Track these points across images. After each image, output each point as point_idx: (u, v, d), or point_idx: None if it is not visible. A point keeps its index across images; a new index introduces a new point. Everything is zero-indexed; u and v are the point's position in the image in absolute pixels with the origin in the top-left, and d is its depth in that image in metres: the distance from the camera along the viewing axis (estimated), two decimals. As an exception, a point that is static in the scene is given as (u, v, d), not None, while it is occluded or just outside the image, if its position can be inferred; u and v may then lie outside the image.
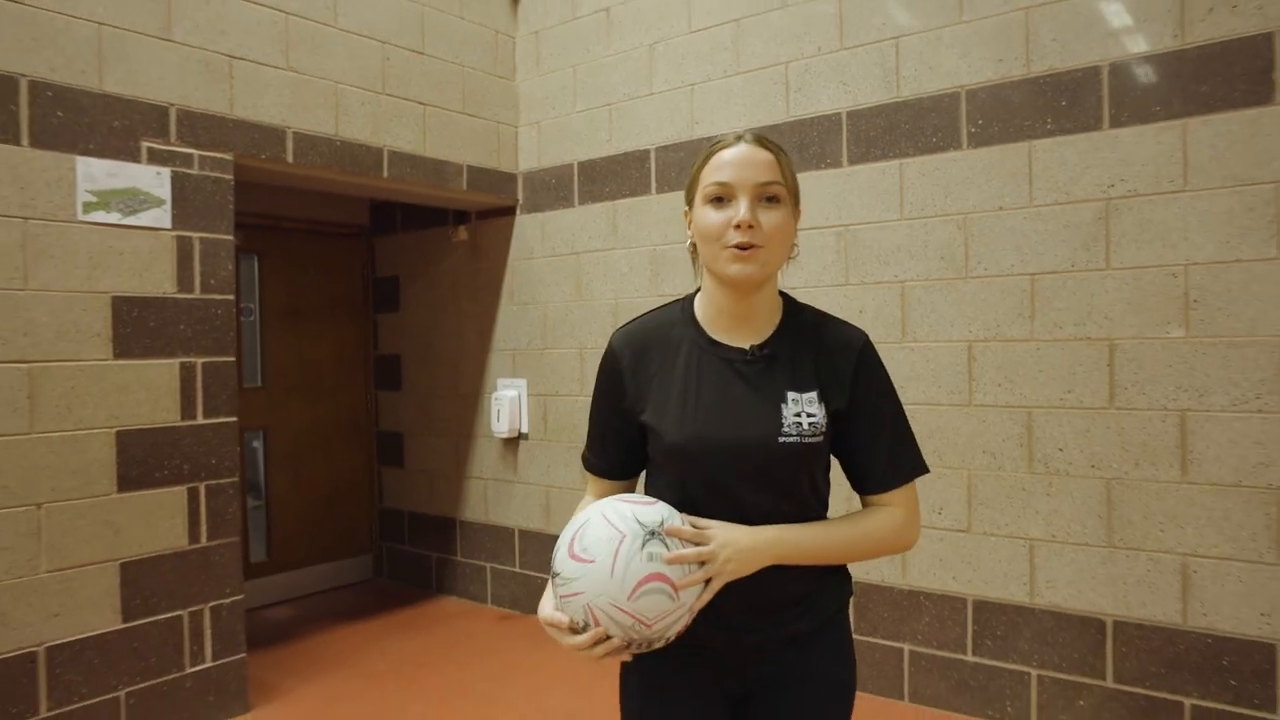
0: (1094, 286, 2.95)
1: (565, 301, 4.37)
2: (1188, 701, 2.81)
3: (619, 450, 1.49)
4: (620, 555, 1.22)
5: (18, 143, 2.84)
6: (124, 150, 3.08)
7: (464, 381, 4.84)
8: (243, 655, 3.43)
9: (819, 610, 1.42)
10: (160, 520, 3.18)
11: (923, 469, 1.46)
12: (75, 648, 2.96)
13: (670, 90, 3.96)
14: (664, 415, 1.40)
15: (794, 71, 3.58)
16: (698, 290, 1.47)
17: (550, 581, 1.30)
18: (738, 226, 1.32)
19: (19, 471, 2.83)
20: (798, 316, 1.45)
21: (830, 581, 1.44)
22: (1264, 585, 2.69)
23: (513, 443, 4.61)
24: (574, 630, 1.25)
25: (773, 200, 1.35)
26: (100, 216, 3.02)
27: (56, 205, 2.92)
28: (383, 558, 5.34)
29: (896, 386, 1.48)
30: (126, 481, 3.09)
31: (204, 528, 3.30)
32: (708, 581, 1.28)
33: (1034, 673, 3.10)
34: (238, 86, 3.41)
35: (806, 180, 3.50)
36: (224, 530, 3.37)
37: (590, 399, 1.52)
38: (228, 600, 3.37)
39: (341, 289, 5.26)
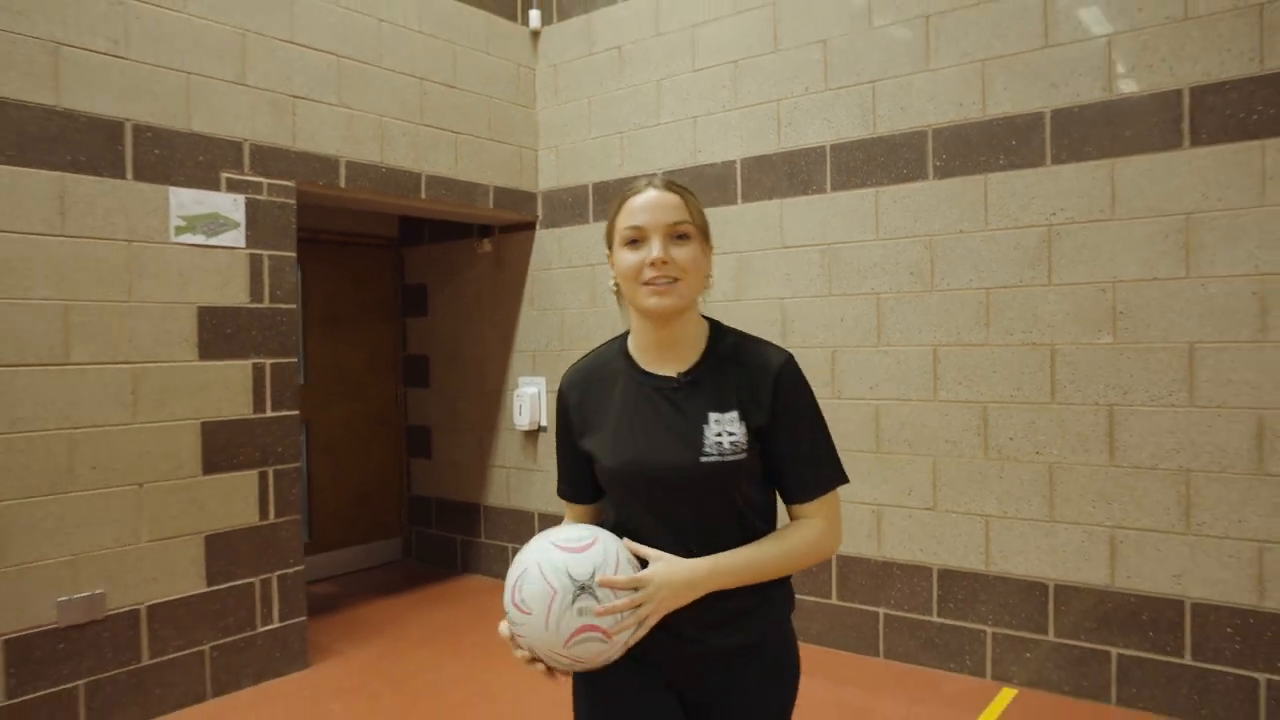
0: (1038, 299, 3.46)
1: (581, 308, 4.88)
2: (1114, 651, 3.33)
3: (581, 478, 1.59)
4: (552, 612, 1.31)
5: (123, 176, 3.34)
6: (207, 180, 3.59)
7: (488, 379, 5.35)
8: (304, 619, 3.94)
9: (759, 624, 1.49)
10: (236, 499, 3.69)
11: (841, 479, 1.51)
12: (169, 607, 3.47)
13: (675, 122, 4.47)
14: (602, 443, 1.50)
15: (784, 108, 4.09)
16: (626, 333, 1.58)
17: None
18: (652, 264, 1.41)
19: (125, 456, 3.34)
20: (721, 341, 1.52)
21: (771, 596, 1.49)
22: (1175, 551, 3.20)
23: (533, 434, 5.12)
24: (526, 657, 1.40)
25: (683, 237, 1.44)
26: (188, 238, 3.52)
27: (153, 229, 3.43)
28: (411, 540, 5.84)
29: (872, 387, 1.93)
30: (209, 465, 3.60)
31: (271, 506, 3.81)
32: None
33: (989, 630, 3.61)
34: (299, 123, 3.91)
35: (795, 205, 4.00)
36: (288, 509, 3.87)
37: (555, 437, 1.65)
38: (291, 570, 3.88)
39: (374, 296, 5.76)
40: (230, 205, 3.66)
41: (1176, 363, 3.18)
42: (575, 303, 4.90)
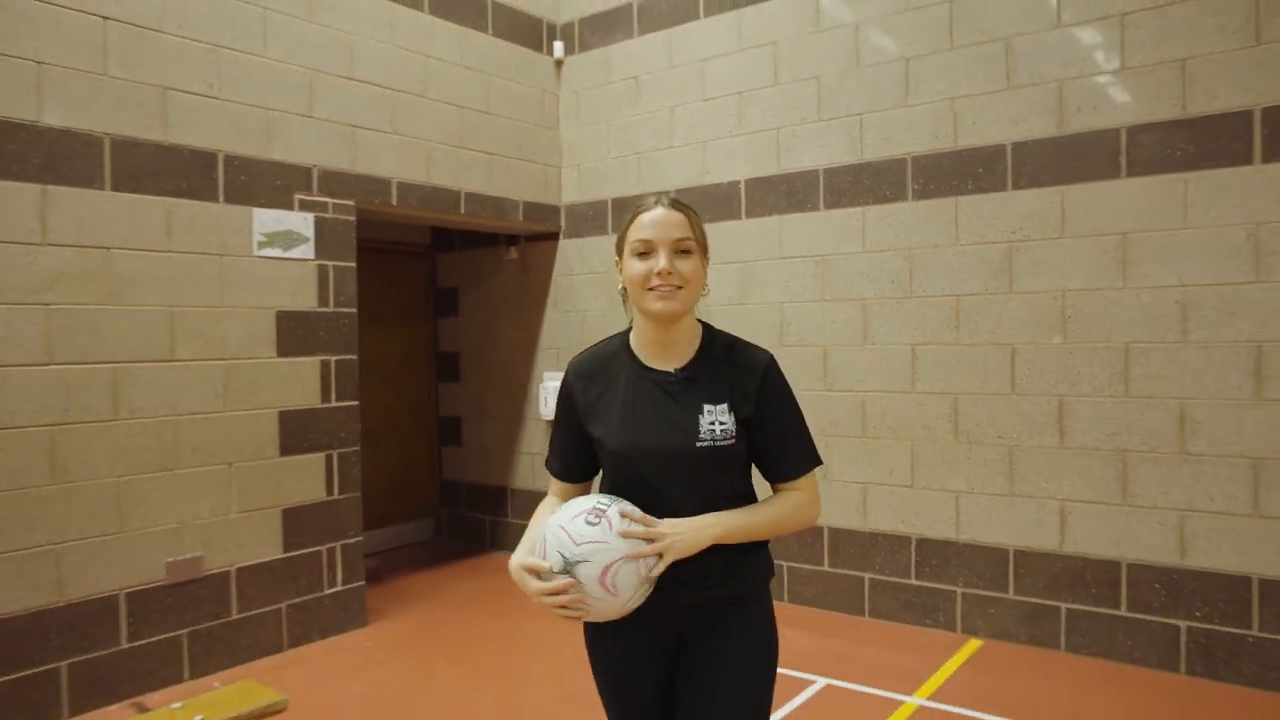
0: (1001, 306, 4.03)
1: (601, 310, 5.44)
2: (1064, 605, 3.90)
3: (575, 459, 1.77)
4: (636, 594, 1.56)
5: (216, 200, 3.89)
6: (283, 201, 4.15)
7: (514, 374, 5.91)
8: (362, 583, 4.51)
9: (740, 579, 1.67)
10: (307, 478, 4.25)
11: (818, 461, 1.73)
12: (254, 570, 4.03)
13: (686, 145, 5.02)
14: (607, 428, 1.67)
15: (783, 135, 4.65)
16: (630, 327, 1.76)
17: (542, 552, 1.57)
18: (659, 274, 1.60)
19: (218, 439, 3.90)
20: (713, 342, 1.72)
21: (750, 558, 1.68)
22: (1114, 520, 3.77)
23: (556, 424, 5.68)
24: (546, 577, 1.54)
25: (685, 252, 1.63)
26: (269, 252, 4.08)
27: (240, 245, 3.99)
28: (443, 521, 6.41)
29: (859, 380, 2.46)
30: (285, 448, 4.16)
31: (336, 484, 4.38)
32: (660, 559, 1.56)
33: (959, 591, 4.18)
34: (358, 150, 4.46)
35: (793, 221, 4.57)
36: (349, 487, 4.44)
37: (554, 418, 1.82)
38: (351, 540, 4.45)
39: (409, 298, 6.32)
40: (302, 222, 4.22)
41: (1115, 360, 3.75)
42: (596, 305, 5.46)
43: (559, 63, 5.58)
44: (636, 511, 1.57)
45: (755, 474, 1.78)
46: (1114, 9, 3.71)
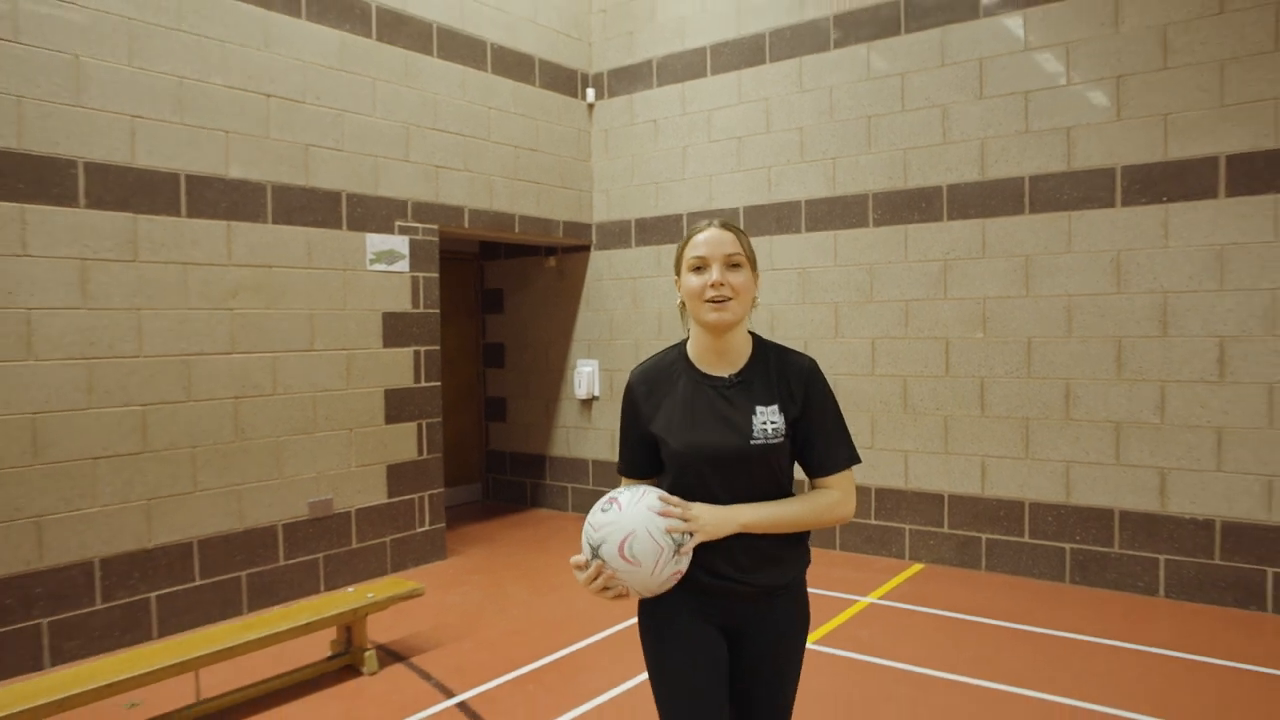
0: (938, 309, 5.27)
1: (625, 309, 6.67)
2: (984, 536, 5.17)
3: (641, 459, 1.90)
4: (659, 564, 1.68)
5: (340, 228, 5.12)
6: (387, 227, 5.37)
7: (552, 361, 7.15)
8: (444, 525, 5.76)
9: (784, 569, 1.80)
10: (404, 441, 5.50)
11: (855, 460, 1.82)
12: (367, 511, 5.28)
13: (696, 177, 6.25)
14: (670, 429, 1.80)
15: (774, 173, 5.88)
16: (687, 338, 1.90)
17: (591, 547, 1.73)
18: (712, 285, 1.74)
19: (343, 411, 5.14)
20: (763, 350, 1.87)
21: (793, 551, 1.82)
22: (1020, 471, 5.03)
23: (588, 402, 6.92)
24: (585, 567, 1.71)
25: (736, 266, 1.78)
26: (377, 267, 5.31)
27: (357, 262, 5.21)
28: (489, 485, 7.66)
29: (831, 366, 3.47)
30: (389, 418, 5.41)
31: (425, 447, 5.62)
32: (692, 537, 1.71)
33: (907, 528, 5.45)
34: (440, 184, 5.69)
35: (780, 240, 5.80)
36: (434, 449, 5.68)
37: (620, 425, 1.95)
38: (436, 491, 5.69)
39: (461, 298, 7.55)
40: (400, 243, 5.45)
41: (1020, 351, 5.00)
42: (621, 305, 6.70)
43: (591, 106, 6.80)
44: (671, 497, 1.75)
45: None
46: (1020, 87, 4.94)
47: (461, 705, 3.56)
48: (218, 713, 3.47)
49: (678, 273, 1.87)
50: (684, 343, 1.92)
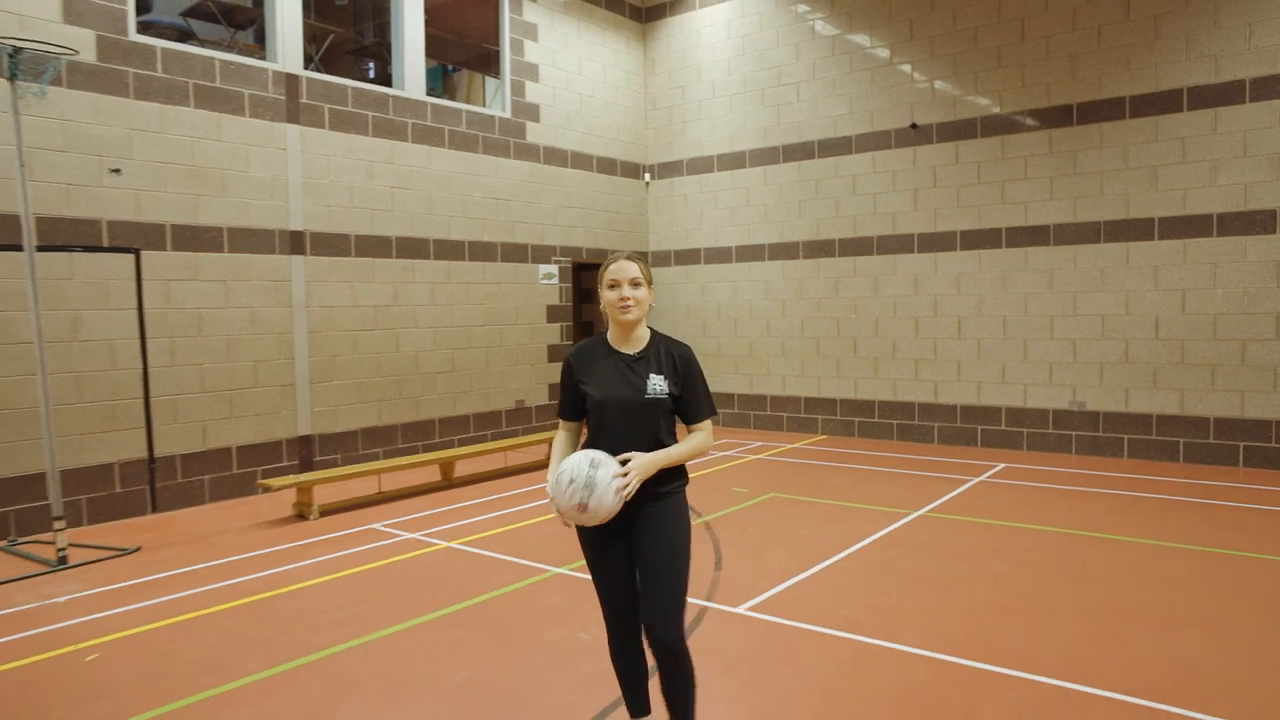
0: (834, 303, 10.19)
1: (679, 309, 11.59)
2: (855, 420, 10.08)
3: (575, 406, 2.83)
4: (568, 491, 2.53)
5: (527, 261, 10.07)
6: (547, 260, 10.33)
7: (623, 333, 12.07)
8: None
9: (670, 483, 2.75)
10: (555, 373, 10.45)
11: (714, 413, 2.83)
12: (540, 407, 10.25)
13: (711, 228, 11.15)
14: (593, 385, 2.74)
15: (752, 227, 10.76)
16: (607, 330, 2.83)
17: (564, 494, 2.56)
18: (622, 299, 2.68)
19: (528, 355, 10.12)
20: (656, 340, 2.80)
21: (675, 470, 2.77)
22: (873, 383, 9.95)
23: (646, 356, 11.87)
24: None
25: (637, 284, 2.70)
26: (543, 283, 10.27)
27: (532, 279, 10.18)
28: (583, 408, 12.63)
29: (780, 333, 8.39)
30: (550, 360, 10.39)
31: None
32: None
33: (819, 418, 10.36)
34: (571, 234, 10.63)
35: (755, 265, 10.69)
36: (568, 378, 10.64)
37: (560, 383, 3.47)
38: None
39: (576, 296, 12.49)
40: (554, 270, 10.38)
41: (871, 324, 9.90)
42: (675, 307, 11.62)
43: (647, 185, 11.70)
44: (623, 469, 2.58)
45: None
46: (870, 190, 9.80)
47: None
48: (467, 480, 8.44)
49: (599, 286, 2.78)
50: (605, 333, 2.85)
